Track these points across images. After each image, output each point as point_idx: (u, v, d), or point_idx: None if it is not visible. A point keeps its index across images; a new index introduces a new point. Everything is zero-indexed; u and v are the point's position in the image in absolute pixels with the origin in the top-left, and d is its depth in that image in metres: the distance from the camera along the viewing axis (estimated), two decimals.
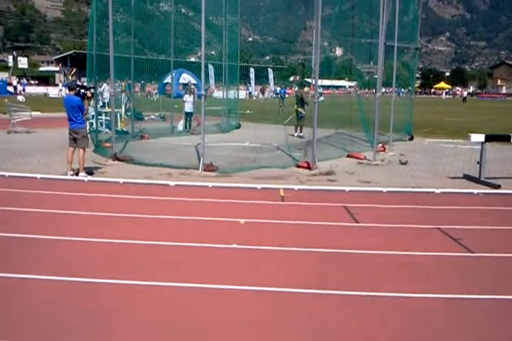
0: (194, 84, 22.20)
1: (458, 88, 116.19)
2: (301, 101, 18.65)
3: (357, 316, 4.14)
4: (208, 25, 13.85)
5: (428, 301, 4.47)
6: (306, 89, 19.42)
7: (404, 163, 12.79)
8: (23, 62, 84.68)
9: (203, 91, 12.30)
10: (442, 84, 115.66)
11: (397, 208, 8.25)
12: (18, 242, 5.93)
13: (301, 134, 18.46)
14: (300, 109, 18.61)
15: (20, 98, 22.55)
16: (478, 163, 10.61)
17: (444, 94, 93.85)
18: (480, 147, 10.68)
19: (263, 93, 51.63)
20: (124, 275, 4.89)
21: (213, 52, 24.63)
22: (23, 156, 12.77)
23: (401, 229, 6.95)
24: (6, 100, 19.69)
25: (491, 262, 5.66)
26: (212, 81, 29.34)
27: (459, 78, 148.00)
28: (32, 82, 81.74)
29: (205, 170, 11.05)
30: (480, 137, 10.68)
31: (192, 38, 19.76)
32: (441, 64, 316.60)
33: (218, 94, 28.01)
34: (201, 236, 6.33)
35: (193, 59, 27.68)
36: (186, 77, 38.87)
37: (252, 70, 27.88)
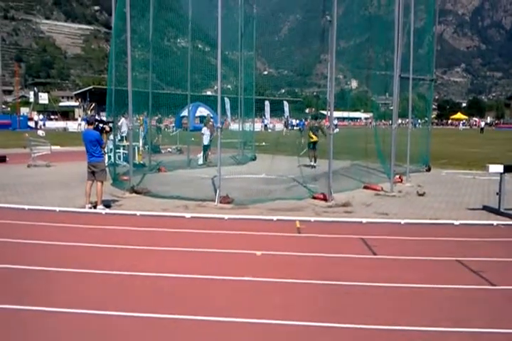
0: (211, 117, 22.44)
1: (475, 119, 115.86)
2: (316, 132, 18.83)
3: None
4: (224, 59, 14.07)
5: (448, 335, 4.37)
6: (320, 121, 19.65)
7: (422, 195, 12.67)
8: (43, 98, 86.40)
9: (219, 124, 12.42)
10: (459, 115, 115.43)
11: (416, 240, 8.14)
12: (36, 275, 5.95)
13: (315, 164, 18.55)
14: (315, 139, 18.80)
15: (40, 133, 22.92)
16: (497, 193, 10.47)
17: (461, 124, 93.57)
18: (499, 178, 10.57)
19: (286, 126, 51.65)
20: (140, 308, 4.86)
21: (229, 86, 25.00)
22: (42, 190, 12.92)
23: (420, 261, 6.84)
24: (27, 135, 20.04)
25: None
26: (228, 114, 29.67)
27: (475, 109, 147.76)
28: (52, 117, 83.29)
29: (221, 202, 11.07)
30: (499, 168, 10.58)
31: (208, 72, 20.10)
32: (457, 95, 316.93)
33: (234, 126, 28.28)
34: (217, 268, 6.30)
35: (209, 93, 28.12)
36: (203, 111, 39.45)
37: (267, 103, 28.19)
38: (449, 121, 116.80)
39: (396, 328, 4.49)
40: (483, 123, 77.77)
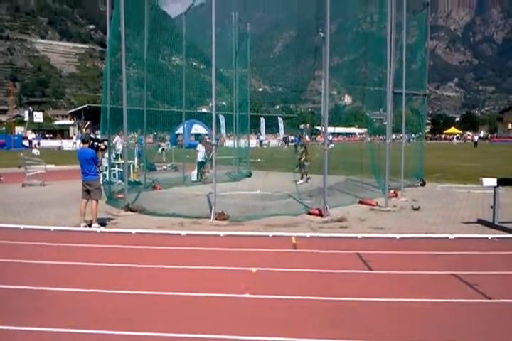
0: (206, 134, 22.53)
1: (469, 133, 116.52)
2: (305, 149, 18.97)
3: None
4: (218, 77, 14.18)
5: None
6: (306, 137, 19.77)
7: (417, 209, 12.71)
8: (38, 117, 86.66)
9: (214, 141, 12.47)
10: (453, 130, 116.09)
11: (411, 254, 8.15)
12: (29, 294, 5.92)
13: (302, 181, 18.71)
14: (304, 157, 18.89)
15: (35, 151, 22.93)
16: (491, 207, 10.51)
17: (454, 139, 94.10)
18: (493, 191, 10.63)
19: (286, 142, 51.56)
20: (134, 327, 4.84)
21: (224, 103, 25.14)
22: (37, 209, 12.89)
23: (415, 275, 6.85)
24: (21, 154, 20.04)
25: (508, 308, 5.54)
26: (223, 131, 29.81)
27: (469, 123, 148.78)
28: (47, 135, 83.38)
29: (216, 219, 11.06)
30: (492, 181, 10.65)
31: (203, 89, 20.21)
32: (450, 109, 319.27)
33: (229, 143, 28.37)
34: (213, 285, 6.29)
35: (204, 110, 28.25)
36: (198, 128, 39.58)
37: (262, 119, 28.36)
38: (443, 136, 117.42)
39: None
40: (476, 137, 78.28)
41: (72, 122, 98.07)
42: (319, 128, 19.04)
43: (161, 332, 4.74)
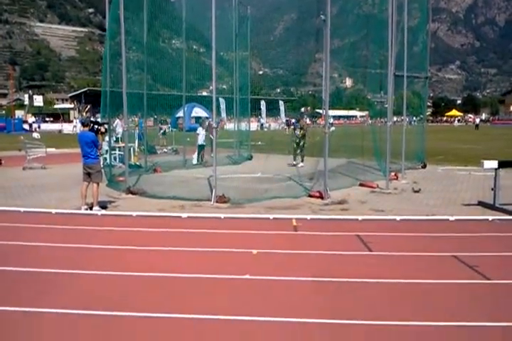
0: (207, 118, 22.44)
1: (470, 115, 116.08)
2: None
3: None
4: (218, 60, 14.09)
5: (444, 329, 4.40)
6: (307, 120, 19.71)
7: (418, 191, 12.72)
8: (38, 101, 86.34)
9: (214, 124, 12.43)
10: (454, 112, 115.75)
11: (411, 236, 8.17)
12: (31, 276, 5.96)
13: (298, 163, 18.77)
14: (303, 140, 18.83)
15: (35, 135, 22.89)
16: (492, 189, 10.52)
17: (456, 121, 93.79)
18: (494, 173, 10.62)
19: (288, 125, 51.22)
20: (136, 308, 4.87)
21: (224, 86, 25.03)
22: (38, 192, 12.91)
23: (415, 257, 6.87)
24: (22, 137, 20.02)
25: (508, 289, 5.56)
26: (223, 114, 29.72)
27: (470, 105, 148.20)
28: (47, 119, 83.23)
29: (217, 202, 11.08)
30: (493, 163, 10.62)
31: (203, 72, 20.11)
32: (452, 92, 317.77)
33: (230, 126, 28.27)
34: (214, 267, 6.32)
35: (204, 93, 28.15)
36: (198, 111, 39.47)
37: (262, 103, 28.24)
38: (444, 118, 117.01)
39: (393, 323, 4.51)
40: (478, 120, 77.99)
41: (72, 106, 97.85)
42: (320, 111, 18.93)
43: (162, 312, 4.77)
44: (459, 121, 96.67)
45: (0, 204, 11.00)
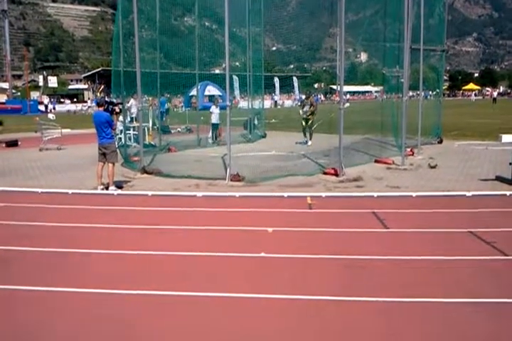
0: (219, 96, 22.32)
1: (488, 89, 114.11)
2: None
3: (388, 323, 4.07)
4: (231, 36, 13.92)
5: (460, 306, 4.38)
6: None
7: (434, 167, 12.59)
8: (52, 82, 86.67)
9: (228, 102, 12.36)
10: (471, 86, 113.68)
11: (428, 213, 8.12)
12: (49, 256, 6.03)
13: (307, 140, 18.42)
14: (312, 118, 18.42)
15: (50, 116, 22.93)
16: (510, 164, 10.36)
17: (473, 95, 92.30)
18: None
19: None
20: (152, 286, 4.91)
21: (238, 64, 24.82)
22: (54, 172, 13.02)
23: (432, 233, 6.82)
24: (37, 118, 20.12)
25: None
26: (237, 92, 29.53)
27: (488, 79, 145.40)
28: (62, 100, 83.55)
29: (231, 180, 11.08)
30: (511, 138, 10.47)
31: (216, 50, 19.97)
32: (469, 65, 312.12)
33: (243, 104, 28.07)
34: (229, 245, 6.34)
35: (217, 71, 27.96)
36: (211, 89, 39.27)
37: (276, 79, 27.96)
38: (461, 92, 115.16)
39: (410, 300, 4.50)
40: (495, 93, 76.57)
41: (86, 86, 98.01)
42: (334, 87, 18.70)
43: (177, 290, 4.81)
44: (475, 95, 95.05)
45: (18, 185, 11.12)
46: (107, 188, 10.43)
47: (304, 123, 18.56)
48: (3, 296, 4.83)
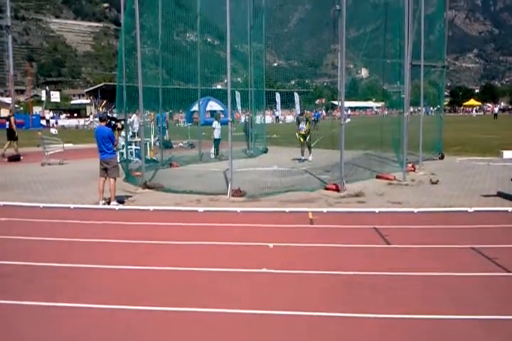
0: (221, 111, 22.41)
1: (488, 104, 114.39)
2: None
3: (388, 339, 4.05)
4: (233, 52, 14.06)
5: (462, 323, 4.36)
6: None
7: (435, 183, 12.59)
8: (55, 96, 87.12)
9: (229, 118, 12.41)
10: (472, 101, 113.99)
11: (429, 228, 8.10)
12: (51, 271, 6.02)
13: (305, 157, 18.09)
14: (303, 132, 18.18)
15: (53, 131, 23.08)
16: (511, 179, 10.38)
17: (474, 111, 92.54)
18: None
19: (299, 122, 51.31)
20: (155, 302, 4.89)
21: (239, 79, 24.93)
22: (56, 187, 13.04)
23: (434, 249, 6.81)
24: (40, 133, 20.20)
25: None
26: (239, 107, 29.62)
27: (489, 94, 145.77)
28: (64, 115, 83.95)
29: (233, 196, 11.08)
30: None
31: (218, 66, 20.06)
32: (470, 81, 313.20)
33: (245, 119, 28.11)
34: (231, 261, 6.33)
35: (219, 86, 28.08)
36: (213, 105, 39.42)
37: (277, 95, 28.04)
38: (462, 108, 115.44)
39: (412, 317, 4.48)
40: (496, 109, 76.80)
41: (88, 101, 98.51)
42: (335, 102, 18.71)
43: (179, 306, 4.79)
44: (476, 110, 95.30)
45: (20, 199, 11.13)
46: (108, 203, 10.43)
47: (301, 139, 18.12)
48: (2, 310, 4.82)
